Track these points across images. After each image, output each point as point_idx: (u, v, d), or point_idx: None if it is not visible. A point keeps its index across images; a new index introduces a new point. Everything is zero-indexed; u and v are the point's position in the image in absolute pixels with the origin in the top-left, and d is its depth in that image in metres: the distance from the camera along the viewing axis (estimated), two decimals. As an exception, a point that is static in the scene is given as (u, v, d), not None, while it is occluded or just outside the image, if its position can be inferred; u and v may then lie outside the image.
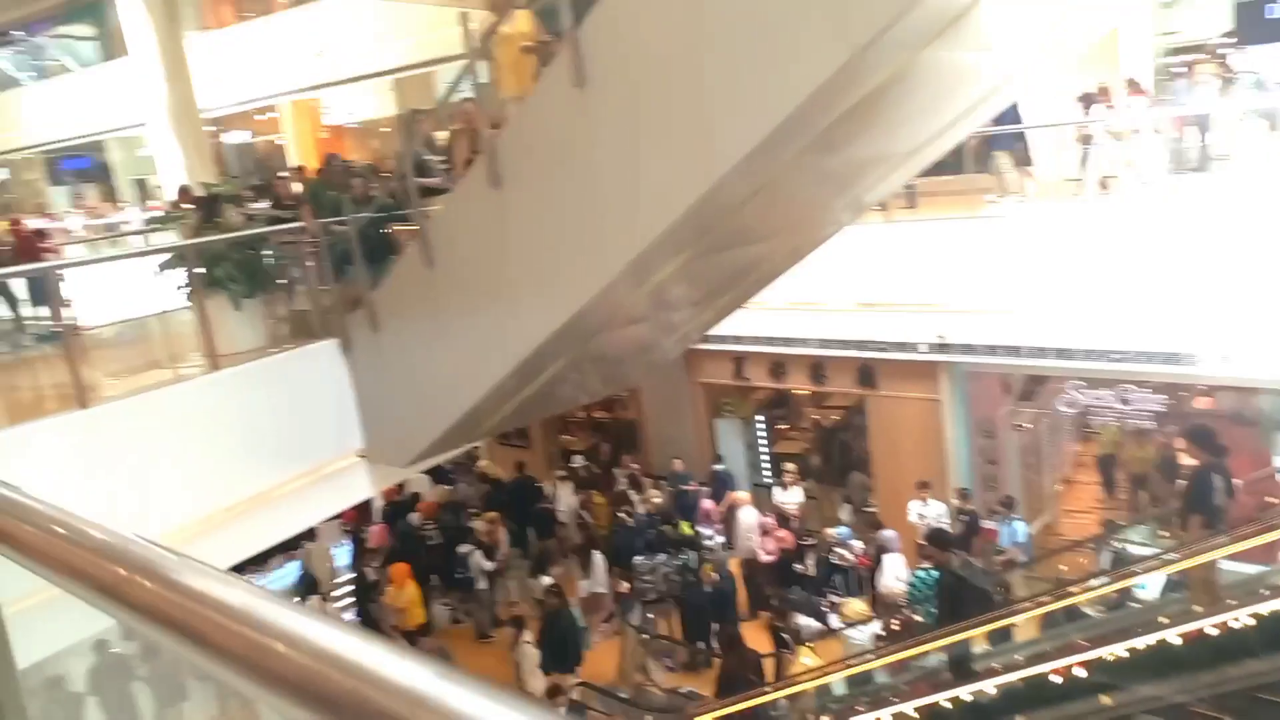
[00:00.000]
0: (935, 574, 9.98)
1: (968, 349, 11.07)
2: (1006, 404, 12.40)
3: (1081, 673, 6.33)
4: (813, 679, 8.77)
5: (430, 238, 5.82)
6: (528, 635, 10.21)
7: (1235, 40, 13.32)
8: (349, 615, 13.03)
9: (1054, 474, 13.63)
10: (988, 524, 11.18)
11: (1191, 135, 12.65)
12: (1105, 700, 6.10)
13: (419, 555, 12.74)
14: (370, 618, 11.79)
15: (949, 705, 6.98)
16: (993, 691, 6.76)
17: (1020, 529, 10.81)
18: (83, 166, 26.35)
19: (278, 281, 6.83)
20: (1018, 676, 6.76)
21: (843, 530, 11.21)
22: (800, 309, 11.92)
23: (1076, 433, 14.21)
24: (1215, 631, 5.92)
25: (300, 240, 6.58)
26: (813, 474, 14.35)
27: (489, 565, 12.27)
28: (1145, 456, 12.67)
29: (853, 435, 15.18)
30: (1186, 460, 11.91)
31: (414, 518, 13.71)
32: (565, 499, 14.13)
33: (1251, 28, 13.00)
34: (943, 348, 11.26)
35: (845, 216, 7.51)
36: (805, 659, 9.46)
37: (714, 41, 4.28)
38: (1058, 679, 6.44)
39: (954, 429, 11.73)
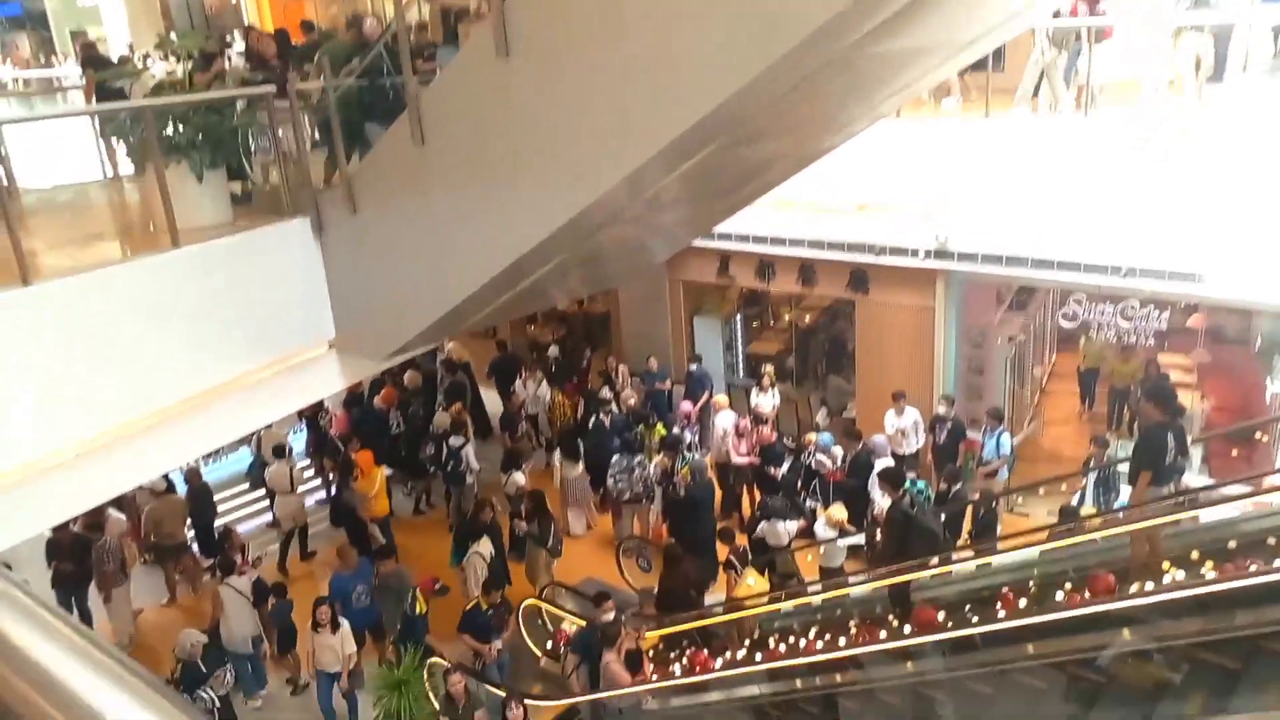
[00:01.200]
0: (921, 485, 9.87)
1: (968, 257, 10.68)
2: (998, 313, 12.12)
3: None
4: (756, 606, 8.61)
5: (423, 111, 5.16)
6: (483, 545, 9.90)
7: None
8: (316, 499, 12.77)
9: (1034, 385, 13.52)
10: (972, 434, 11.05)
11: (1206, 45, 12.13)
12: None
13: (380, 443, 12.35)
14: (344, 505, 11.43)
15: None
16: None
17: (1005, 441, 10.68)
18: (13, 14, 24.39)
19: (246, 151, 6.12)
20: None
21: (825, 437, 10.97)
22: (791, 207, 11.40)
23: (1058, 345, 14.04)
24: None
25: (273, 104, 5.84)
26: (789, 376, 14.08)
27: (476, 464, 11.93)
28: (1129, 371, 12.54)
29: (832, 338, 14.94)
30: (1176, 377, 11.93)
31: (377, 403, 13.27)
32: (536, 392, 13.76)
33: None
34: (942, 254, 10.85)
35: (883, 110, 6.95)
36: (750, 580, 9.33)
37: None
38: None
39: (944, 337, 11.43)
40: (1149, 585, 5.77)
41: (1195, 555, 6.14)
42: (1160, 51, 11.12)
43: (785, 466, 11.00)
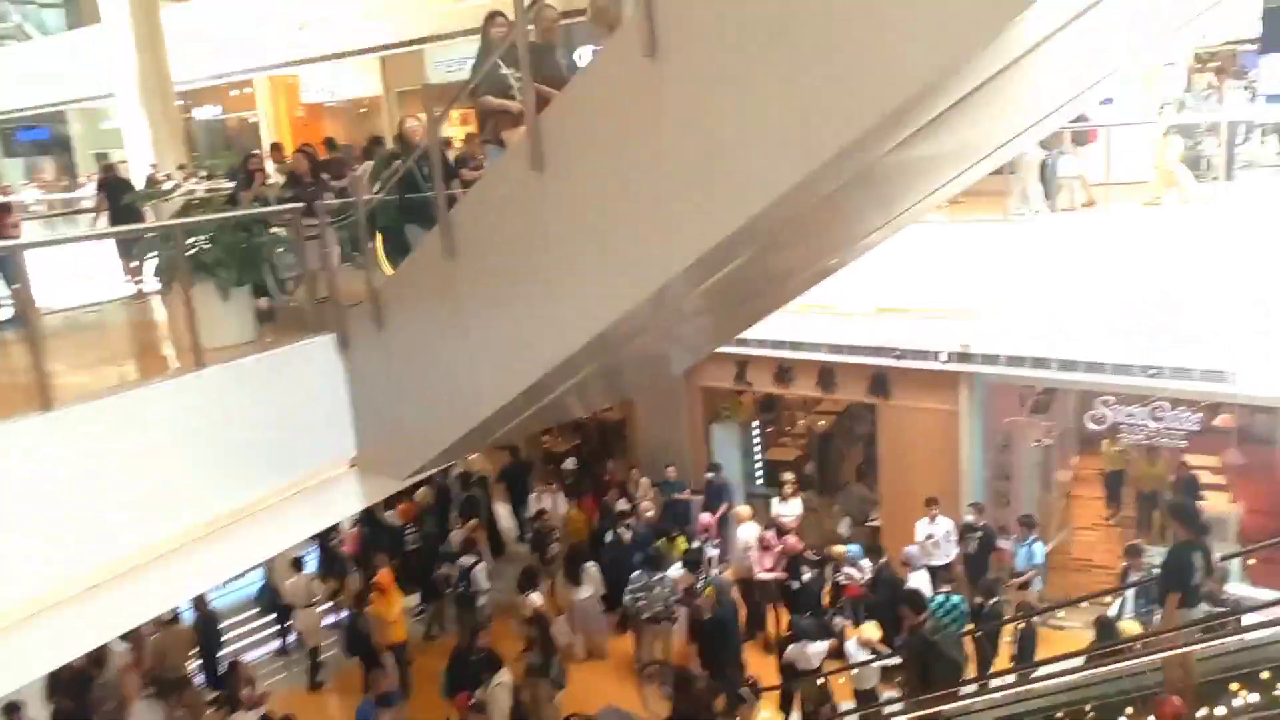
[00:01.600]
0: (956, 600, 9.50)
1: (991, 359, 10.58)
2: (1022, 417, 11.94)
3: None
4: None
5: (455, 224, 5.12)
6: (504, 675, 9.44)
7: (1258, 46, 13.00)
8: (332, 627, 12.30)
9: (1059, 490, 13.21)
10: (1003, 543, 10.72)
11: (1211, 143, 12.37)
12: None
13: (396, 562, 11.98)
14: (359, 631, 10.97)
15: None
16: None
17: (1039, 550, 10.35)
18: (41, 138, 25.13)
19: (273, 269, 6.09)
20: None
21: (853, 549, 10.63)
22: (810, 311, 11.36)
23: (1080, 447, 13.79)
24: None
25: (302, 222, 5.84)
26: (811, 484, 13.81)
27: (486, 584, 11.56)
28: (1157, 473, 12.27)
29: (850, 442, 14.73)
30: (1206, 479, 11.65)
31: (391, 518, 12.97)
32: (554, 506, 13.47)
33: (1275, 35, 12.65)
34: (964, 357, 10.76)
35: (905, 219, 6.96)
36: (765, 713, 8.90)
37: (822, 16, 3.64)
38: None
39: (969, 442, 11.23)
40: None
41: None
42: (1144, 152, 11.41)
43: (806, 578, 10.62)
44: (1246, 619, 7.05)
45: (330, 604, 12.42)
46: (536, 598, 10.70)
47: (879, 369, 11.51)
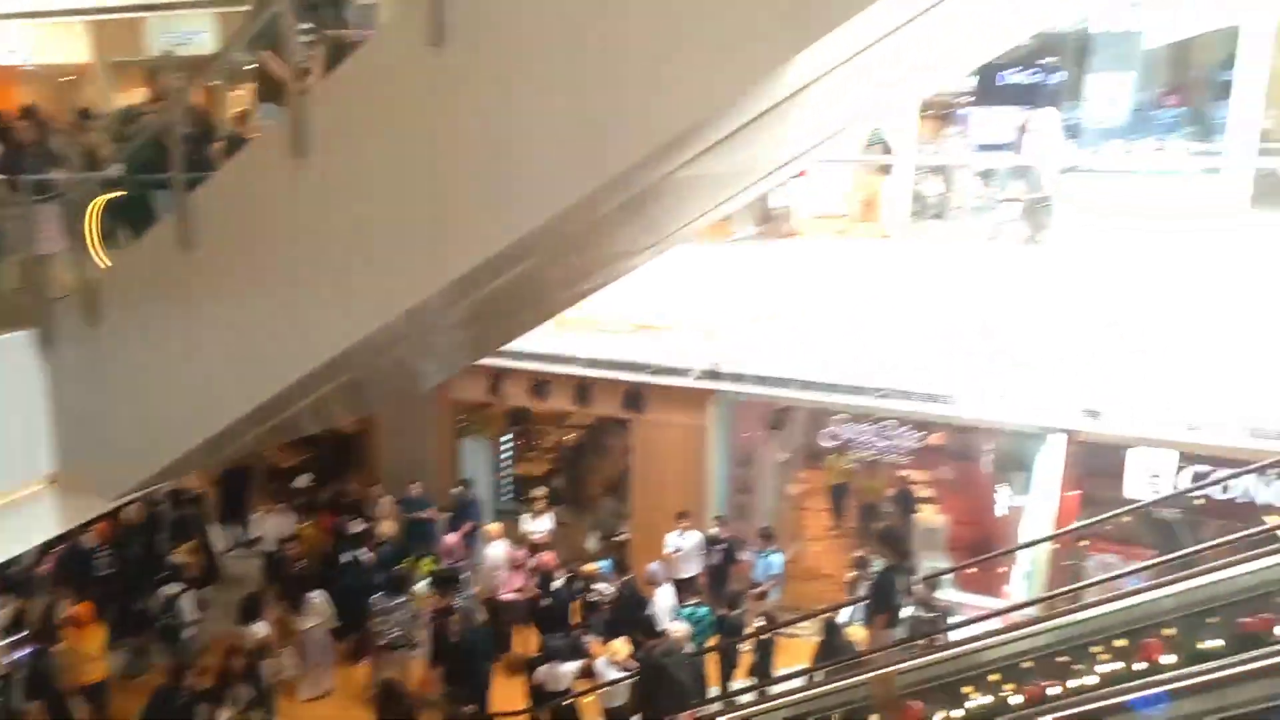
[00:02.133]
0: (704, 611, 9.75)
1: (737, 377, 11.03)
2: (761, 433, 12.55)
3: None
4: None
5: (194, 212, 4.51)
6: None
7: (972, 100, 14.55)
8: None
9: (790, 503, 14.01)
10: (744, 555, 11.18)
11: (933, 185, 13.72)
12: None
13: (87, 589, 10.57)
14: (42, 671, 9.48)
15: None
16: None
17: (776, 561, 10.86)
18: None
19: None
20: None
21: (605, 564, 10.66)
22: (568, 326, 11.33)
23: (808, 462, 14.69)
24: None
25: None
26: (562, 499, 13.73)
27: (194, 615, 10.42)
28: (876, 487, 13.34)
29: (599, 456, 14.86)
30: (920, 492, 12.80)
31: (86, 540, 11.41)
32: (274, 528, 12.33)
33: (986, 91, 14.21)
34: (714, 375, 11.14)
35: (680, 236, 7.03)
36: None
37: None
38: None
39: (716, 457, 11.64)
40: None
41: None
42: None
43: (555, 596, 10.50)
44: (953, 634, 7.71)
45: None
46: (260, 628, 9.82)
47: (634, 384, 11.67)
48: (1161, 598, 5.29)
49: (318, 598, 10.49)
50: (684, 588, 10.92)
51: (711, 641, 9.60)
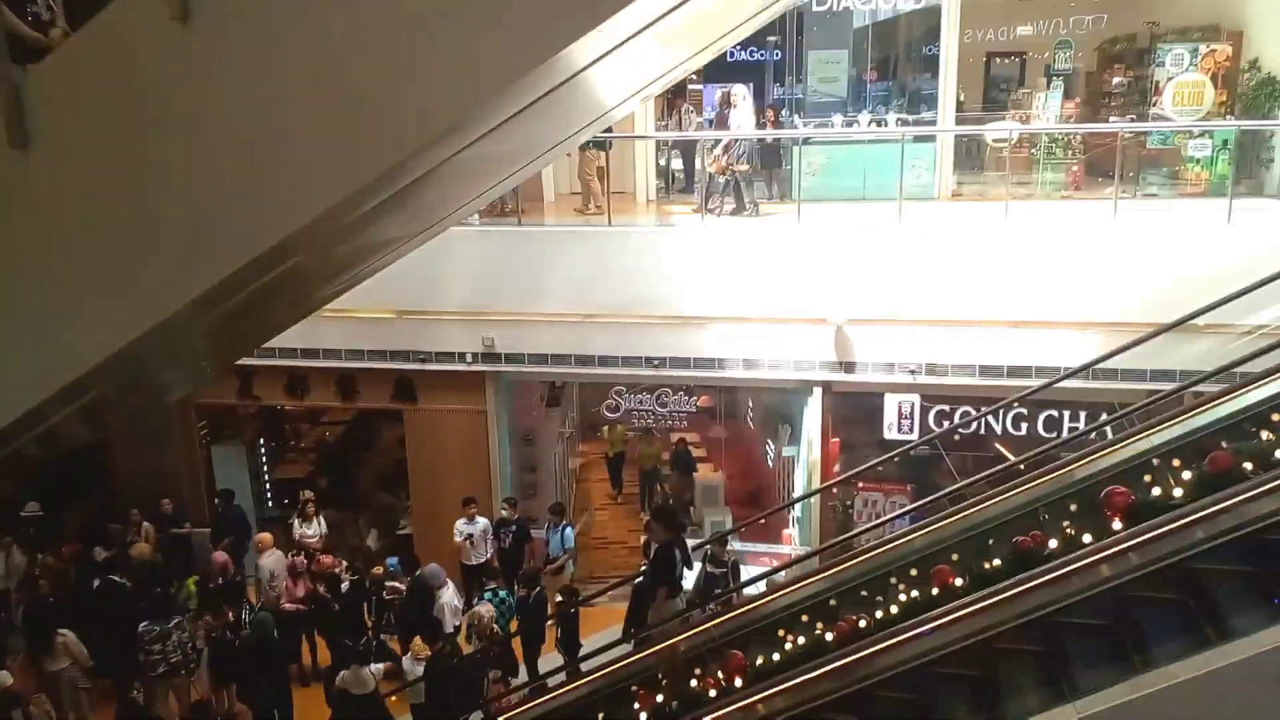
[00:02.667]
0: (504, 594, 9.76)
1: (515, 358, 11.01)
2: (541, 410, 12.63)
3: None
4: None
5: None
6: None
7: (702, 76, 15.25)
8: None
9: (573, 476, 14.27)
10: (536, 533, 11.26)
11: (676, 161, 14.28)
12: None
13: None
14: None
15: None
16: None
17: (569, 535, 11.04)
18: None
19: None
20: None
21: (392, 561, 10.34)
22: (324, 317, 10.76)
23: (585, 435, 15.02)
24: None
25: None
26: (332, 500, 13.11)
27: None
28: (653, 452, 13.86)
29: (366, 451, 14.36)
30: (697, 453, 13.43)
31: None
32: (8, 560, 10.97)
33: (715, 67, 14.93)
34: (490, 357, 11.05)
35: (448, 221, 6.85)
36: None
37: None
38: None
39: (498, 440, 11.58)
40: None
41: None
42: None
43: (344, 598, 10.09)
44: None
45: None
46: (4, 677, 8.70)
47: (404, 373, 11.33)
48: (939, 528, 5.95)
49: (67, 636, 9.43)
50: (480, 573, 10.88)
51: (514, 625, 9.61)
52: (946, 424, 10.24)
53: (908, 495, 10.63)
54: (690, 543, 10.99)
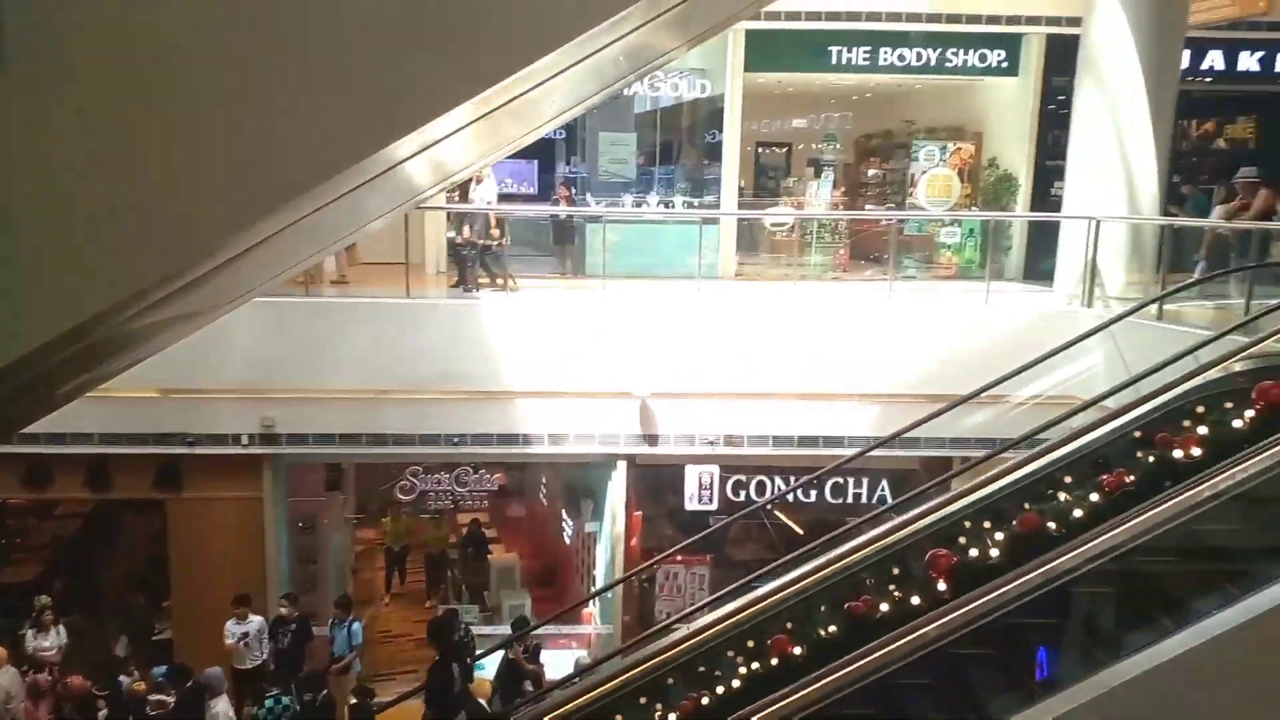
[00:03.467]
0: (286, 701, 8.97)
1: (298, 438, 10.30)
2: (323, 495, 11.86)
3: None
4: None
5: None
6: None
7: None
8: None
9: (357, 564, 13.45)
10: (318, 630, 10.47)
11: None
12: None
13: None
14: None
15: None
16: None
17: (357, 630, 10.34)
18: None
19: None
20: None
21: (159, 670, 9.21)
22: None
23: (370, 521, 14.25)
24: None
25: None
26: (71, 606, 11.54)
27: None
28: (441, 536, 13.33)
29: (112, 547, 12.91)
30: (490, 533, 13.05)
31: None
32: None
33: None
34: (269, 438, 10.27)
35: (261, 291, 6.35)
36: None
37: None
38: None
39: (275, 529, 10.71)
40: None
41: None
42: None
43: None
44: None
45: None
46: None
47: (168, 458, 10.29)
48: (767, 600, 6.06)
49: None
50: (255, 678, 9.90)
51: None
52: (744, 494, 10.59)
53: (707, 565, 10.84)
54: (485, 630, 10.78)
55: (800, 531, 11.12)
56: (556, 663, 9.67)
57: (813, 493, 10.66)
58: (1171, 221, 11.00)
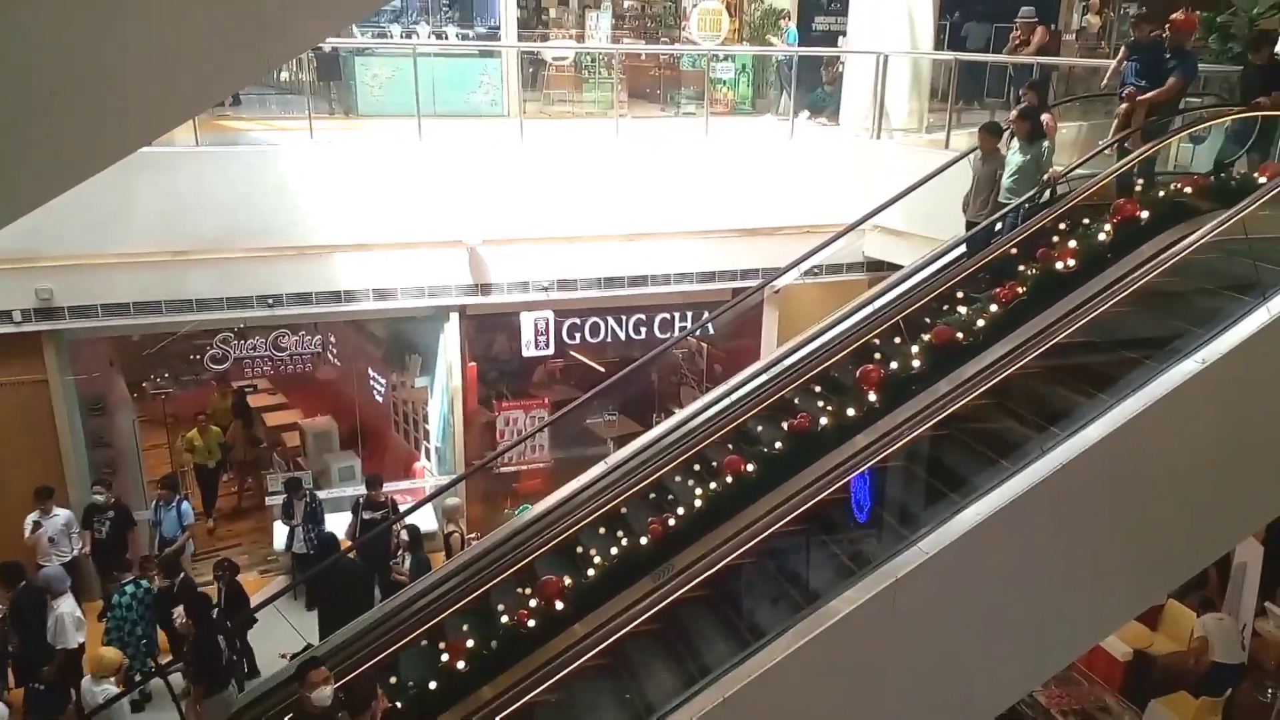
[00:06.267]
0: (145, 583, 8.63)
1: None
2: (114, 373, 10.88)
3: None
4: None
5: None
6: None
7: None
8: None
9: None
10: (141, 514, 9.94)
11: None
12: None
13: None
14: None
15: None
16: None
17: (188, 510, 9.89)
18: None
19: None
20: None
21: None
22: None
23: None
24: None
25: None
26: None
27: None
28: (226, 406, 12.59)
29: None
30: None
31: None
32: None
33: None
34: (48, 313, 9.26)
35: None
36: None
37: None
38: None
39: (67, 413, 9.79)
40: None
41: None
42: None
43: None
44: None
45: None
46: None
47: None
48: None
49: None
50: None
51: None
52: (579, 336, 11.03)
53: (547, 409, 11.26)
54: (326, 494, 10.70)
55: (601, 369, 11.75)
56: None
57: (642, 329, 11.26)
58: (958, 56, 12.08)
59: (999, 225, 7.57)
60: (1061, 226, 6.68)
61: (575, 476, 8.08)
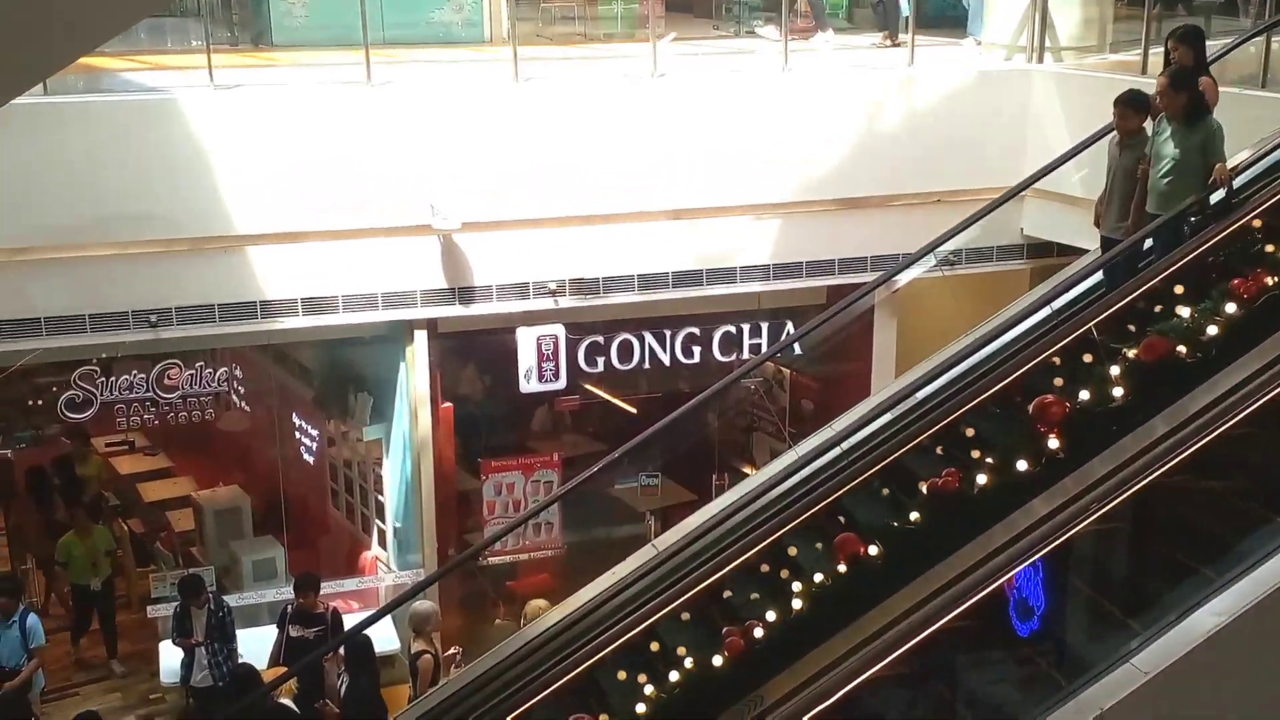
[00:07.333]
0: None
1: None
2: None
3: None
4: None
5: None
6: None
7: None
8: None
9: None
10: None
11: None
12: None
13: None
14: None
15: None
16: None
17: (35, 625, 10.14)
18: None
19: None
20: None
21: None
22: None
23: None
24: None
25: None
26: None
27: None
28: (91, 474, 12.72)
29: None
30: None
31: None
32: None
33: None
34: None
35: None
36: None
37: None
38: None
39: None
40: None
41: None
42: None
43: None
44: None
45: None
46: None
47: None
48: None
49: None
50: None
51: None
52: (602, 362, 11.01)
53: (557, 471, 11.24)
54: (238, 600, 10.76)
55: (633, 410, 11.72)
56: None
57: (695, 349, 11.22)
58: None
59: (1148, 243, 7.37)
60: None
61: (602, 570, 8.04)
